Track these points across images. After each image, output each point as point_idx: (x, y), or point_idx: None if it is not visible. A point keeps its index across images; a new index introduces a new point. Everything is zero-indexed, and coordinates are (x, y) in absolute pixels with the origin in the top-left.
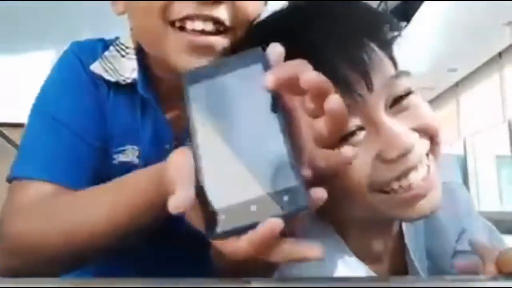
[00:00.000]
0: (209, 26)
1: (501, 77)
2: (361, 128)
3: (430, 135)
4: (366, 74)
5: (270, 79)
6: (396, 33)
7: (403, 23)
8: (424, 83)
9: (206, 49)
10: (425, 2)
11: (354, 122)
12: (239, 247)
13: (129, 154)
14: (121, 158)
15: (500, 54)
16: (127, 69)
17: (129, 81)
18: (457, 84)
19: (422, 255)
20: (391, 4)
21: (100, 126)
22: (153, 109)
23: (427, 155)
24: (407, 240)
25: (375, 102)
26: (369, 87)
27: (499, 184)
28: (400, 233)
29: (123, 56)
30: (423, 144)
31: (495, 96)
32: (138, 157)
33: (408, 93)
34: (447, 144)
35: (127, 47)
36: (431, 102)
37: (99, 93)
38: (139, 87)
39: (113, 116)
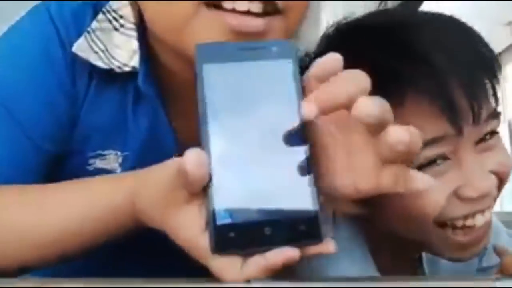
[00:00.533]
0: (257, 6)
1: (501, 77)
2: (443, 158)
3: (501, 179)
4: (479, 106)
5: (310, 108)
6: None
7: None
8: None
9: (251, 37)
10: (425, 2)
11: (438, 150)
12: (243, 274)
13: (110, 160)
14: (98, 164)
15: (500, 54)
16: (123, 51)
17: (127, 69)
18: None
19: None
20: (391, 4)
21: (62, 126)
22: (153, 109)
23: None
24: (424, 262)
25: (468, 136)
26: (476, 120)
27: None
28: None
29: (116, 29)
30: (496, 188)
31: None
32: (120, 165)
33: (494, 133)
34: None
35: (121, 16)
36: None
37: (75, 80)
38: (140, 80)
39: (93, 111)
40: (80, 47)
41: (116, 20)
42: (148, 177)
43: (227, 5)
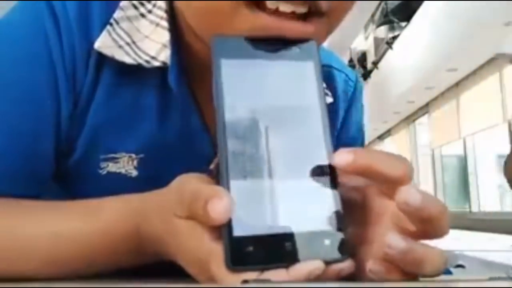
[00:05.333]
0: (302, 8)
1: (501, 77)
2: None
3: None
4: None
5: (346, 159)
6: None
7: (403, 23)
8: (424, 83)
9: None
10: (425, 2)
11: None
12: None
13: (124, 163)
14: (111, 167)
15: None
16: (152, 42)
17: (156, 64)
18: (457, 84)
19: None
20: (391, 4)
21: (53, 129)
22: (184, 110)
23: None
24: None
25: None
26: None
27: (499, 184)
28: None
29: (143, 15)
30: None
31: (495, 96)
32: (136, 168)
33: None
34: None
35: None
36: (431, 102)
37: (74, 78)
38: (171, 79)
39: (104, 110)
40: (103, 44)
41: (142, 5)
42: (155, 195)
43: (270, 5)
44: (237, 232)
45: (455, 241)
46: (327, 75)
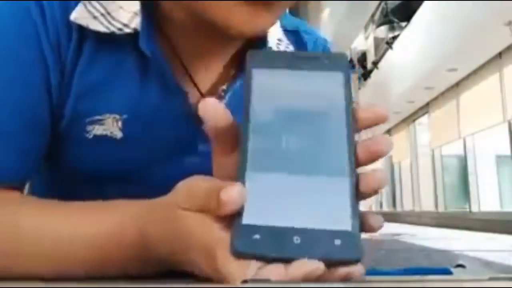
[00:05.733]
0: None
1: (501, 77)
2: None
3: None
4: None
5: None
6: None
7: (403, 23)
8: (424, 83)
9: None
10: (425, 2)
11: None
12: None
13: (109, 124)
14: (97, 130)
15: (500, 54)
16: (124, 12)
17: (128, 30)
18: (457, 84)
19: None
20: (391, 4)
21: (41, 96)
22: (162, 72)
23: None
24: None
25: None
26: None
27: (499, 184)
28: None
29: None
30: None
31: (495, 96)
32: (121, 129)
33: None
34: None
35: None
36: (431, 102)
37: (59, 48)
38: (141, 42)
39: (87, 75)
40: (79, 15)
41: None
42: (160, 199)
43: None
44: (247, 220)
45: (455, 241)
46: (297, 39)
